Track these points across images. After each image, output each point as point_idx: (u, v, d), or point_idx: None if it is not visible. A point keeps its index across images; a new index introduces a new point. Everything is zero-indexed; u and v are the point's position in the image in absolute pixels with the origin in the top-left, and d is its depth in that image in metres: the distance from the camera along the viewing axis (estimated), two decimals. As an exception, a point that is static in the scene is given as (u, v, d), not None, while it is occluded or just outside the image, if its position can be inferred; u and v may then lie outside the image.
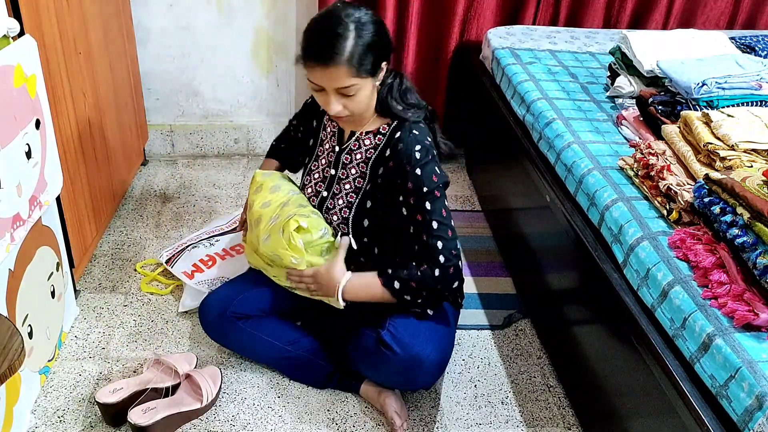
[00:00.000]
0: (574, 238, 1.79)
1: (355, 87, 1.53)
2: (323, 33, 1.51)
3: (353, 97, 1.55)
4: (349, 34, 1.49)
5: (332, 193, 1.74)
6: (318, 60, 1.50)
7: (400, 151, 1.62)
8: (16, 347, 1.20)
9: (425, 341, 1.65)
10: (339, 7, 1.55)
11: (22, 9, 1.64)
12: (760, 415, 1.13)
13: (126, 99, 2.57)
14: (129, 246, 2.40)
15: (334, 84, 1.52)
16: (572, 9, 2.91)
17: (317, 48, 1.50)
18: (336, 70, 1.49)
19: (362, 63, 1.50)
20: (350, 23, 1.50)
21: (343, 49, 1.48)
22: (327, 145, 1.77)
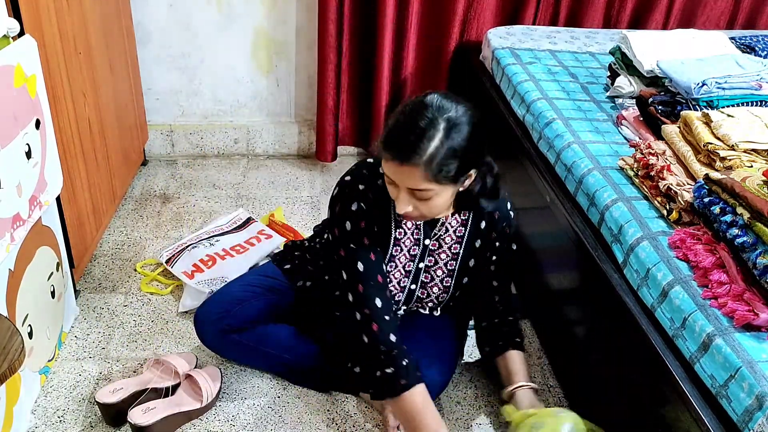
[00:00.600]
0: (574, 238, 1.79)
1: (431, 192, 1.36)
2: (408, 127, 1.33)
3: (427, 201, 1.38)
4: (435, 134, 1.31)
5: (422, 283, 1.66)
6: (395, 154, 1.33)
7: (499, 219, 1.61)
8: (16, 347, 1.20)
9: (430, 362, 1.65)
10: (433, 97, 1.36)
11: (22, 9, 1.64)
12: (760, 415, 1.13)
13: (126, 99, 2.57)
14: (129, 246, 2.40)
15: (407, 183, 1.36)
16: (572, 9, 2.91)
17: (397, 141, 1.33)
18: (411, 171, 1.33)
19: (443, 169, 1.33)
20: (441, 121, 1.32)
21: (424, 150, 1.31)
22: (407, 242, 1.59)
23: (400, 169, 1.34)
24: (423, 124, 1.32)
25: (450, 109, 1.35)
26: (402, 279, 1.63)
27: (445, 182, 1.36)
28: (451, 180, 1.37)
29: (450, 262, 1.63)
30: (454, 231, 1.61)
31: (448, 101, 1.36)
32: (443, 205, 1.43)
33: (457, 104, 1.37)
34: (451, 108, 1.35)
